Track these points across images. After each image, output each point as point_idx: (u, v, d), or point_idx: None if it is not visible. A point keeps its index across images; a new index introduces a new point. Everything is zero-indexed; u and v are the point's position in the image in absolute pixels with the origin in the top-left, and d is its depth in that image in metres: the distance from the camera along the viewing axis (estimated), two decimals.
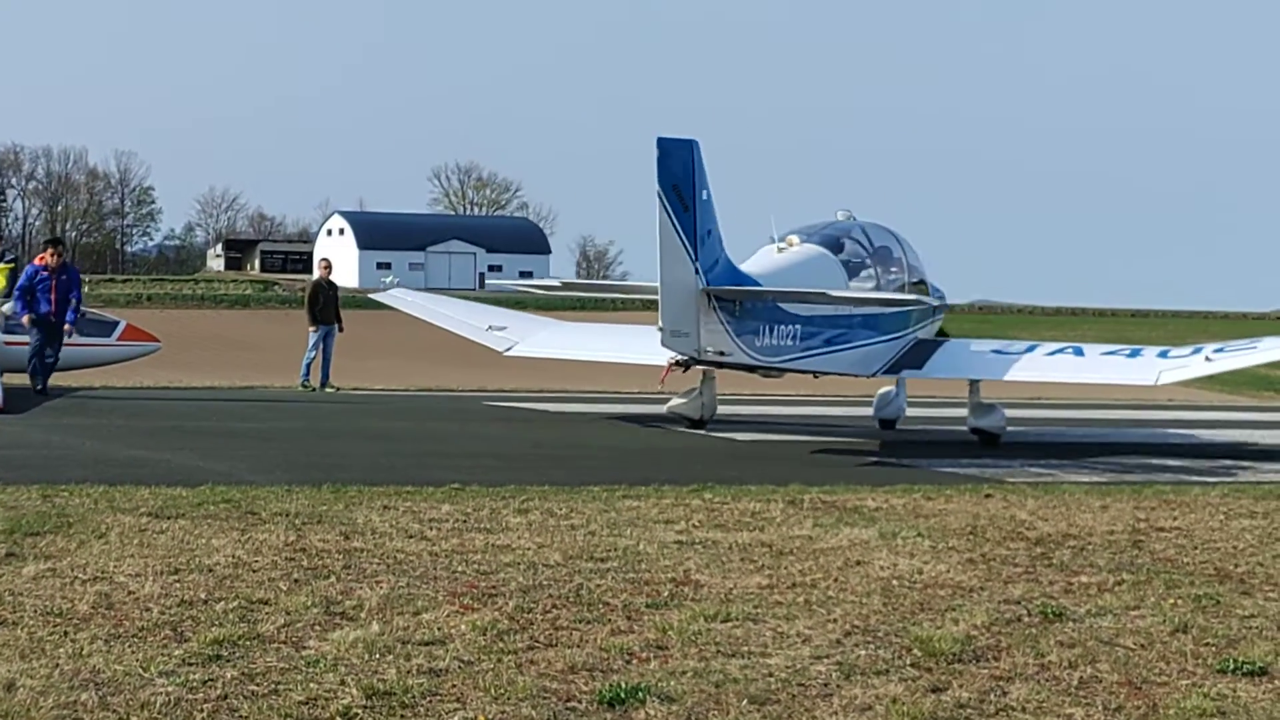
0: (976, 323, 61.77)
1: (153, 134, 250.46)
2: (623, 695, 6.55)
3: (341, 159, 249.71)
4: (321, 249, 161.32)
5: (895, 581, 9.37)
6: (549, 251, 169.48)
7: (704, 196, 19.91)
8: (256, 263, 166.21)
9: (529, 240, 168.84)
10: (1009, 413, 22.58)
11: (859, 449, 19.51)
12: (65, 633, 7.36)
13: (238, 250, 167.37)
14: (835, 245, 22.67)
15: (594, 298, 69.16)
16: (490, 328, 27.43)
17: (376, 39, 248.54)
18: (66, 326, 23.54)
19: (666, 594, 8.76)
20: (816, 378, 23.11)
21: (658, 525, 11.28)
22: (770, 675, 7.03)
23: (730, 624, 8.03)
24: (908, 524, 11.70)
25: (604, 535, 10.72)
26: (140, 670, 6.71)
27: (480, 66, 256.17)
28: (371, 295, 35.42)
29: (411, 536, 10.41)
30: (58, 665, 6.73)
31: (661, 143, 19.55)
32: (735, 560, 9.93)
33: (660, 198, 19.68)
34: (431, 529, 10.75)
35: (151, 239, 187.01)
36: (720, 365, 20.91)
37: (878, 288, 22.52)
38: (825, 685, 6.91)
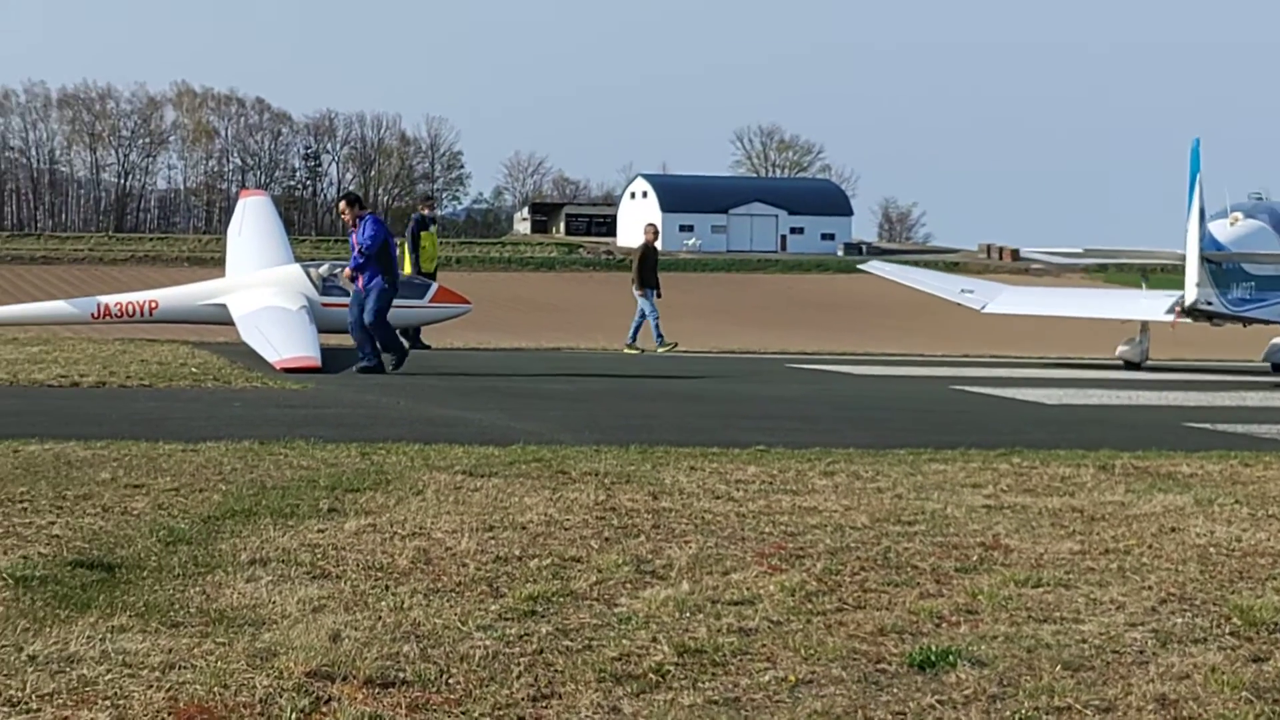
0: None
1: (462, 99, 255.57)
2: (933, 658, 6.51)
3: (645, 122, 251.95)
4: (625, 212, 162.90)
5: (1212, 549, 9.14)
6: (851, 213, 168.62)
7: (1199, 181, 26.28)
8: (561, 226, 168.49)
9: (831, 202, 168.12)
10: None
11: (1171, 414, 19.04)
12: (386, 586, 7.57)
13: (543, 214, 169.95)
14: (1272, 218, 28.66)
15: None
16: (962, 290, 32.67)
17: (679, 5, 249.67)
18: (346, 272, 23.68)
19: (975, 558, 8.68)
20: (1257, 325, 29.09)
21: (965, 489, 11.17)
22: (1083, 642, 6.92)
23: (1041, 589, 7.92)
24: (1224, 490, 11.40)
25: (911, 498, 10.66)
26: (459, 624, 6.88)
27: (783, 29, 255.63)
28: (859, 266, 39.39)
29: (719, 497, 10.48)
30: (380, 618, 6.94)
31: (1195, 141, 26.37)
32: (1045, 525, 9.79)
33: (1193, 184, 26.15)
34: (738, 490, 10.81)
35: (460, 203, 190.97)
36: (1209, 316, 27.60)
37: None
38: (1140, 653, 6.78)
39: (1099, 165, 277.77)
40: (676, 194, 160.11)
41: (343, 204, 23.39)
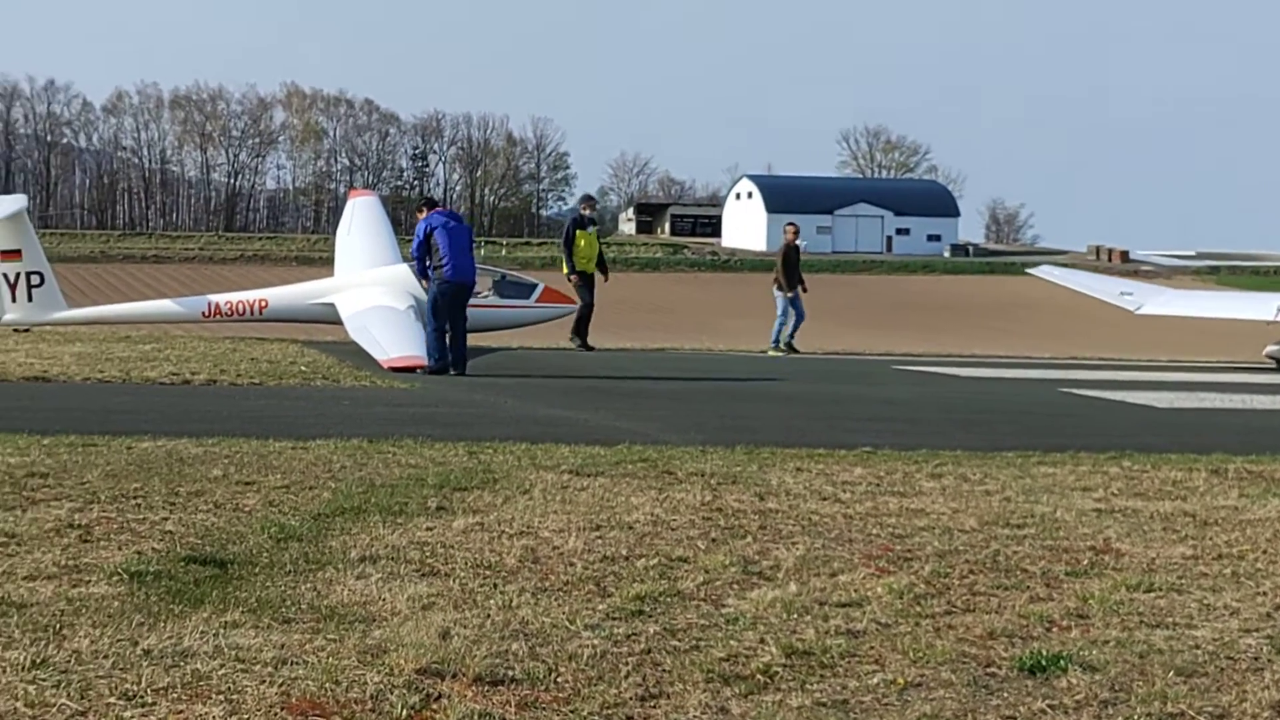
0: None
1: (568, 100, 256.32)
2: (1044, 663, 6.46)
3: (751, 123, 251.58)
4: (731, 212, 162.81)
5: None
6: (958, 214, 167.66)
7: None
8: (666, 226, 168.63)
9: (937, 203, 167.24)
10: None
11: (1278, 419, 18.79)
12: (494, 585, 7.60)
13: (648, 214, 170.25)
14: None
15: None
16: (1121, 293, 33.39)
17: (785, 5, 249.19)
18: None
19: (1086, 562, 8.60)
20: None
21: (1075, 492, 11.07)
22: (1196, 648, 6.84)
23: (1153, 594, 7.84)
24: None
25: (1020, 501, 10.57)
26: (566, 623, 6.90)
27: (887, 31, 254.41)
28: (1028, 270, 41.02)
29: (825, 499, 10.44)
30: (489, 616, 6.97)
31: None
32: (1157, 530, 9.68)
33: None
34: (845, 491, 10.77)
35: (565, 203, 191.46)
36: None
37: None
38: (1255, 659, 6.70)
39: (1210, 165, 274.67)
40: (782, 194, 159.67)
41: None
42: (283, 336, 27.53)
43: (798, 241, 32.13)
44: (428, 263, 21.73)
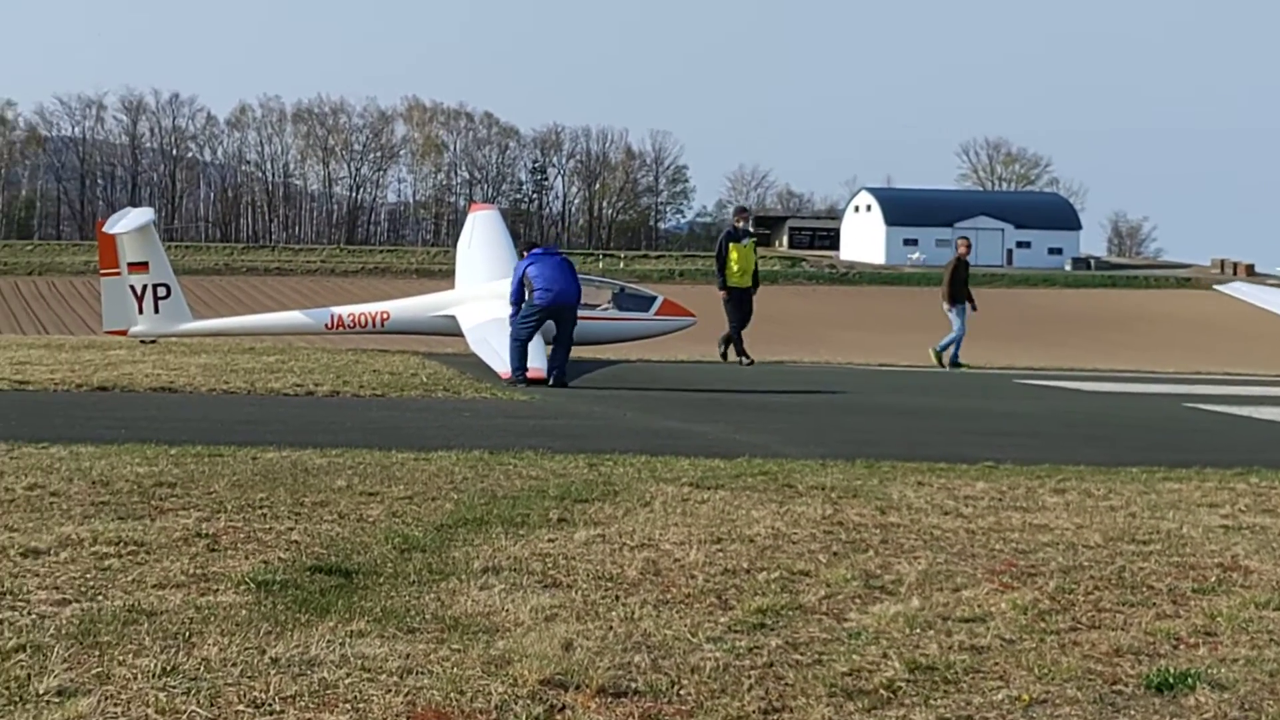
0: None
1: (686, 113, 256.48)
2: (1171, 681, 6.38)
3: (870, 135, 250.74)
4: (849, 225, 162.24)
5: None
6: (1079, 227, 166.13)
7: None
8: (785, 239, 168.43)
9: (1058, 216, 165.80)
10: None
11: None
12: (616, 596, 7.62)
13: (767, 227, 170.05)
14: None
15: None
16: None
17: (900, 16, 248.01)
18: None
19: (1214, 579, 8.49)
20: None
21: (1201, 508, 10.93)
22: None
23: None
24: None
25: (1145, 517, 10.46)
26: (689, 636, 6.90)
27: (1009, 42, 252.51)
28: (1215, 287, 42.25)
29: (947, 513, 10.38)
30: (611, 628, 6.98)
31: None
32: None
33: None
34: (967, 506, 10.70)
35: (684, 216, 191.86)
36: None
37: None
38: None
39: None
40: (901, 207, 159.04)
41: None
42: (404, 349, 27.76)
43: (969, 256, 31.82)
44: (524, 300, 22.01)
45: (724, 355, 28.64)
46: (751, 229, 30.28)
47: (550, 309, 21.90)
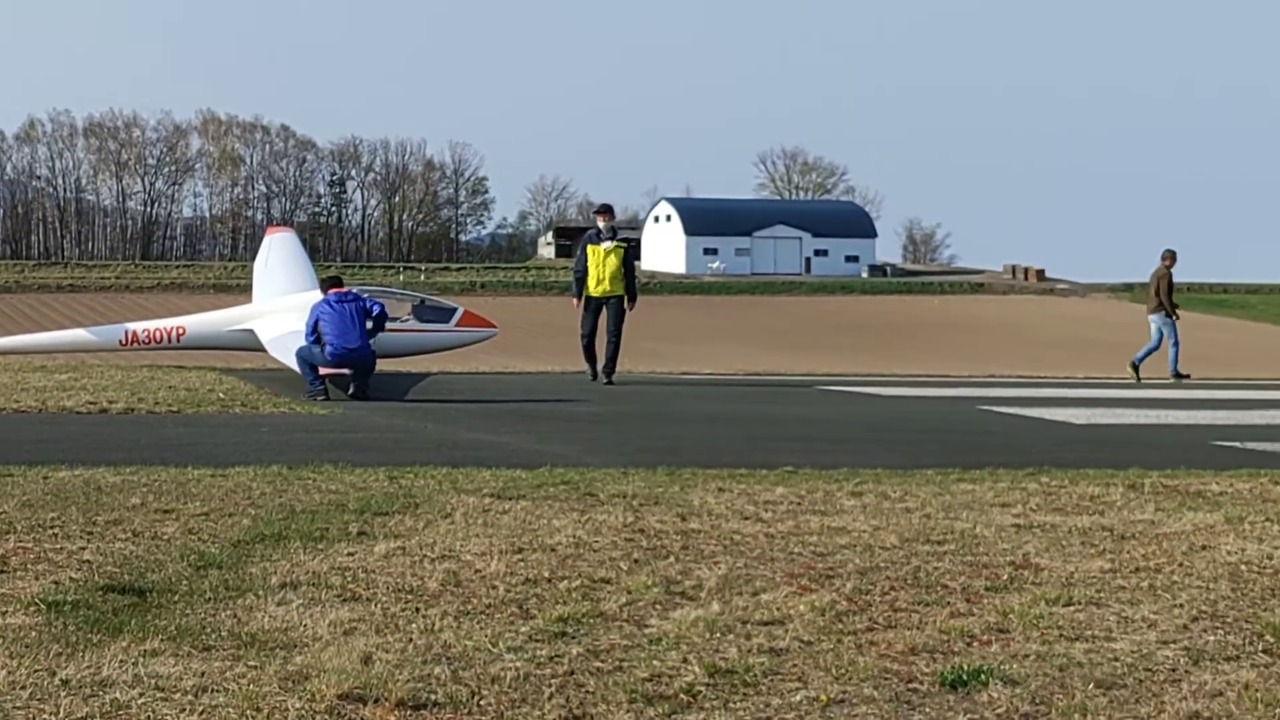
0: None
1: (486, 125, 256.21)
2: (965, 677, 6.50)
3: (669, 146, 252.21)
4: (650, 235, 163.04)
5: (1244, 567, 9.11)
6: (875, 235, 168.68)
7: None
8: None
9: (855, 224, 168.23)
10: None
11: (1200, 433, 18.97)
12: (416, 609, 7.58)
13: (568, 238, 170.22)
14: None
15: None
16: None
17: (699, 27, 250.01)
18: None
19: (1006, 577, 8.66)
20: None
21: (994, 509, 11.15)
22: (1115, 660, 6.90)
23: (1072, 608, 7.90)
24: (1255, 508, 11.35)
25: (940, 518, 10.64)
26: (489, 646, 6.88)
27: (803, 51, 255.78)
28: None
29: (747, 518, 10.47)
30: (411, 640, 6.94)
31: None
32: (1075, 544, 9.76)
33: None
34: (766, 511, 10.80)
35: (485, 227, 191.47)
36: None
37: None
38: (1173, 670, 6.76)
39: (1125, 184, 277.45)
40: (700, 217, 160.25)
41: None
42: (200, 364, 27.34)
43: (1174, 269, 32.08)
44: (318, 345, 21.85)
45: (592, 375, 26.60)
46: (616, 230, 27.42)
47: (342, 363, 21.79)
